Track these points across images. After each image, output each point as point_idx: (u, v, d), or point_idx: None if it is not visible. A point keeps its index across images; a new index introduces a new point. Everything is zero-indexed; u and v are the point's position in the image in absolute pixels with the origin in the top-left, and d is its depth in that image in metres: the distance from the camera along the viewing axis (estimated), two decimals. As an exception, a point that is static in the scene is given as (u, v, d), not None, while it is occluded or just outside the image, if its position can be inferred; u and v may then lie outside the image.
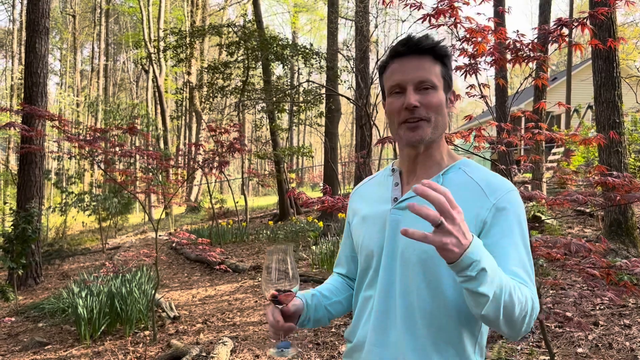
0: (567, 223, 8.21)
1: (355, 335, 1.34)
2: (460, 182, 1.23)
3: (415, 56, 1.23)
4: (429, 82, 1.21)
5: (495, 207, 1.17)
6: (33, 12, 8.57)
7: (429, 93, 1.21)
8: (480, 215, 1.17)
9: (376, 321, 1.25)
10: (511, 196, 1.20)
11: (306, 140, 40.82)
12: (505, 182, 1.22)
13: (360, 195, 1.44)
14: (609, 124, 6.32)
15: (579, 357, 3.64)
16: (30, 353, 4.92)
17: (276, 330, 1.24)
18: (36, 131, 6.22)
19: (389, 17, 24.34)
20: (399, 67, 1.24)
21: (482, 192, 1.19)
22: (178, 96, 25.27)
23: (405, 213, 1.24)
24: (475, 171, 1.25)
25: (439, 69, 1.24)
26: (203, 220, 17.71)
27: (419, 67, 1.22)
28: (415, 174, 1.29)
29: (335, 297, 1.46)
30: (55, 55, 40.24)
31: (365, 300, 1.32)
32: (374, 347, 1.25)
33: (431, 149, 1.27)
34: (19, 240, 7.00)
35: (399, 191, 1.30)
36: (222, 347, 4.29)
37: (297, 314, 1.33)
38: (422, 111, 1.21)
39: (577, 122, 15.81)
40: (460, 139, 3.32)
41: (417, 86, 1.22)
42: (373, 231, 1.30)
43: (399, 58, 1.25)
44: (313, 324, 1.41)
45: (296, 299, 1.34)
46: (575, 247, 2.60)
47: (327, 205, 3.02)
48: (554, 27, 2.98)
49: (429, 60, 1.23)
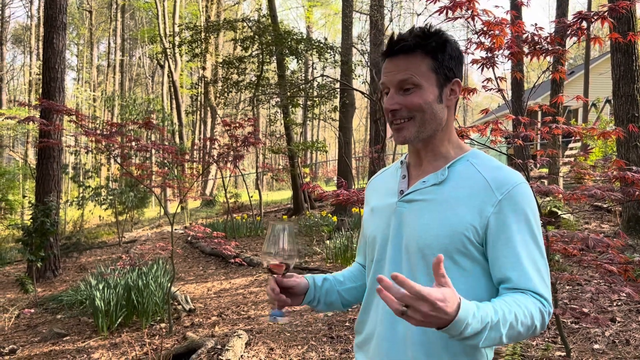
0: (584, 219, 8.11)
1: (364, 327, 1.35)
2: (466, 175, 1.21)
3: (403, 55, 1.21)
4: (409, 81, 1.19)
5: (501, 202, 1.14)
6: (51, 7, 8.67)
7: (410, 93, 1.20)
8: (485, 211, 1.15)
9: (385, 314, 1.25)
10: (519, 190, 1.16)
11: (320, 135, 40.80)
12: (513, 175, 1.18)
13: (374, 187, 1.46)
14: (627, 118, 6.22)
15: (595, 353, 3.61)
16: (49, 344, 5.00)
17: (270, 298, 1.30)
18: (54, 125, 6.30)
19: (403, 10, 24.19)
20: (385, 68, 1.24)
21: (488, 186, 1.17)
22: (193, 91, 25.41)
23: (410, 206, 1.24)
24: (483, 164, 1.22)
25: (428, 64, 1.20)
26: (218, 214, 17.82)
27: (403, 66, 1.20)
28: (422, 167, 1.29)
29: (351, 283, 1.48)
30: (73, 50, 40.69)
31: (372, 292, 1.33)
32: (382, 340, 1.25)
33: (432, 144, 1.26)
34: (38, 233, 7.11)
35: (405, 184, 1.30)
36: (237, 339, 4.32)
37: (301, 291, 1.37)
38: (403, 112, 1.21)
39: (595, 117, 15.58)
40: (477, 132, 3.30)
41: (398, 87, 1.21)
42: (379, 223, 1.31)
43: (388, 57, 1.24)
44: (325, 307, 1.44)
45: (302, 278, 1.38)
46: (593, 242, 2.57)
47: (343, 199, 3.02)
48: (573, 20, 2.94)
49: (417, 56, 1.20)
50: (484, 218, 1.14)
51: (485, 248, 1.16)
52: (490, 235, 1.15)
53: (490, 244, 1.15)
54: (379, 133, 10.45)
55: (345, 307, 1.48)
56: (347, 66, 12.72)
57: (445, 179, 1.22)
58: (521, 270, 1.12)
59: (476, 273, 1.18)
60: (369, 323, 1.32)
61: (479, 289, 1.17)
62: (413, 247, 1.20)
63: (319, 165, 36.60)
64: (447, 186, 1.21)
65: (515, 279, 1.12)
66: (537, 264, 1.14)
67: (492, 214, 1.14)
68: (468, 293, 1.13)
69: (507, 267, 1.13)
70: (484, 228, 1.15)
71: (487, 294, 1.18)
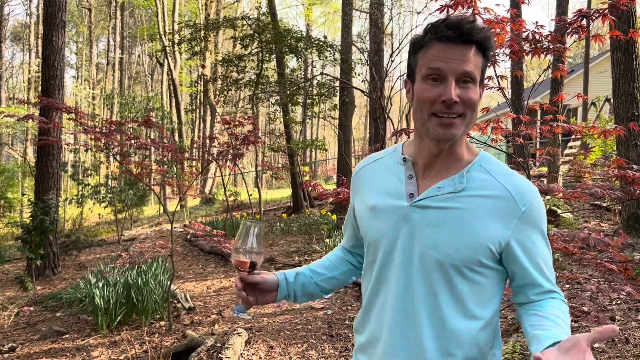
0: (584, 217, 8.12)
1: (366, 328, 1.32)
2: (485, 184, 1.18)
3: (462, 44, 1.12)
4: (471, 75, 1.12)
5: (524, 213, 1.16)
6: (50, 5, 8.65)
7: (469, 88, 1.13)
8: (510, 222, 1.16)
9: (393, 321, 1.22)
10: (537, 200, 1.19)
11: (320, 134, 40.77)
12: (529, 185, 1.20)
13: (365, 178, 1.36)
14: (627, 116, 6.22)
15: (595, 351, 3.61)
16: (48, 342, 5.00)
17: (237, 294, 1.34)
18: (53, 123, 6.30)
19: (403, 9, 24.16)
20: (442, 53, 1.12)
21: (510, 196, 1.16)
22: (193, 89, 25.37)
23: (424, 213, 1.19)
24: (496, 170, 1.21)
25: (480, 62, 1.15)
26: (217, 212, 17.80)
27: (464, 57, 1.12)
28: (434, 169, 1.22)
29: (330, 272, 1.49)
30: (72, 48, 40.64)
31: (375, 294, 1.29)
32: (391, 348, 1.22)
33: (455, 145, 1.20)
34: (37, 231, 7.10)
35: (414, 186, 1.23)
36: (237, 337, 4.32)
37: (270, 287, 1.38)
38: (459, 107, 1.13)
39: (595, 115, 15.58)
40: (477, 131, 3.29)
41: (459, 78, 1.12)
42: (384, 225, 1.24)
43: (444, 42, 1.12)
44: (305, 299, 1.47)
45: (271, 275, 1.39)
46: (594, 241, 2.57)
47: (343, 197, 3.02)
48: (573, 18, 2.94)
49: (473, 50, 1.13)
50: (508, 230, 1.16)
51: (506, 258, 1.19)
52: (513, 247, 1.17)
53: (514, 256, 1.18)
54: (379, 131, 10.45)
55: (326, 294, 1.51)
56: (347, 64, 12.70)
57: (464, 187, 1.18)
58: (544, 276, 1.20)
59: (485, 283, 1.20)
60: (371, 324, 1.29)
61: (484, 296, 1.20)
62: (430, 257, 1.17)
63: (318, 164, 36.60)
64: (467, 194, 1.17)
65: (544, 285, 1.20)
66: (551, 267, 1.22)
67: (515, 225, 1.16)
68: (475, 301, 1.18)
69: (534, 277, 1.19)
70: (507, 239, 1.16)
71: (493, 299, 1.23)
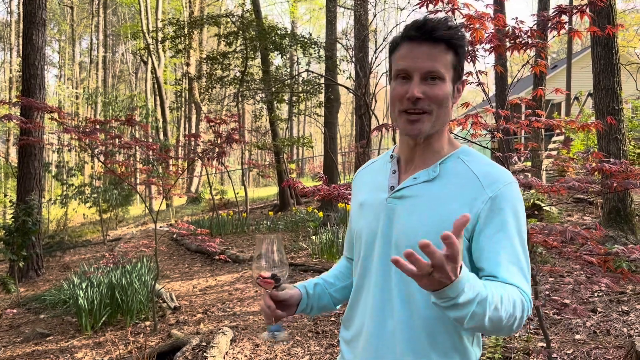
0: (567, 211, 8.21)
1: (352, 322, 1.34)
2: (457, 172, 1.21)
3: (428, 43, 1.16)
4: (436, 73, 1.16)
5: (492, 199, 1.15)
6: (30, 3, 8.52)
7: (435, 84, 1.16)
8: (475, 207, 1.15)
9: (374, 311, 1.24)
10: (509, 189, 1.17)
11: (306, 131, 40.72)
12: (504, 174, 1.19)
13: (361, 180, 1.44)
14: (608, 111, 6.29)
15: (576, 343, 3.66)
16: (31, 344, 4.95)
17: (266, 314, 1.26)
18: (34, 123, 6.22)
19: (387, 5, 24.20)
20: (408, 52, 1.17)
21: (479, 183, 1.17)
22: (177, 87, 25.18)
23: (401, 202, 1.23)
24: (474, 161, 1.23)
25: (450, 59, 1.18)
26: (204, 211, 17.73)
27: (430, 55, 1.16)
28: (414, 162, 1.27)
29: (341, 282, 1.48)
30: (54, 47, 40.05)
31: (359, 288, 1.32)
32: (371, 337, 1.24)
33: (431, 139, 1.23)
34: (20, 233, 7.01)
35: (395, 179, 1.28)
36: (222, 336, 4.31)
37: (294, 302, 1.34)
38: (424, 104, 1.16)
39: (578, 110, 15.77)
40: (458, 126, 3.31)
41: (423, 76, 1.16)
42: (368, 219, 1.29)
43: (410, 41, 1.18)
44: (318, 311, 1.43)
45: (294, 288, 1.35)
46: (571, 234, 2.60)
47: (323, 194, 3.02)
48: (553, 14, 2.96)
49: (441, 48, 1.16)
50: (474, 215, 1.15)
51: (471, 242, 1.17)
52: (477, 231, 1.15)
53: (477, 239, 1.15)
54: (364, 128, 10.46)
55: (337, 305, 1.48)
56: (332, 61, 12.70)
57: (436, 176, 1.21)
58: (505, 267, 1.11)
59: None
60: (357, 319, 1.31)
61: None
62: (403, 243, 1.19)
63: (305, 161, 36.58)
64: (438, 183, 1.20)
65: (499, 275, 1.11)
66: (521, 262, 1.14)
67: (481, 210, 1.15)
68: None
69: (491, 263, 1.13)
70: (473, 224, 1.15)
71: None
